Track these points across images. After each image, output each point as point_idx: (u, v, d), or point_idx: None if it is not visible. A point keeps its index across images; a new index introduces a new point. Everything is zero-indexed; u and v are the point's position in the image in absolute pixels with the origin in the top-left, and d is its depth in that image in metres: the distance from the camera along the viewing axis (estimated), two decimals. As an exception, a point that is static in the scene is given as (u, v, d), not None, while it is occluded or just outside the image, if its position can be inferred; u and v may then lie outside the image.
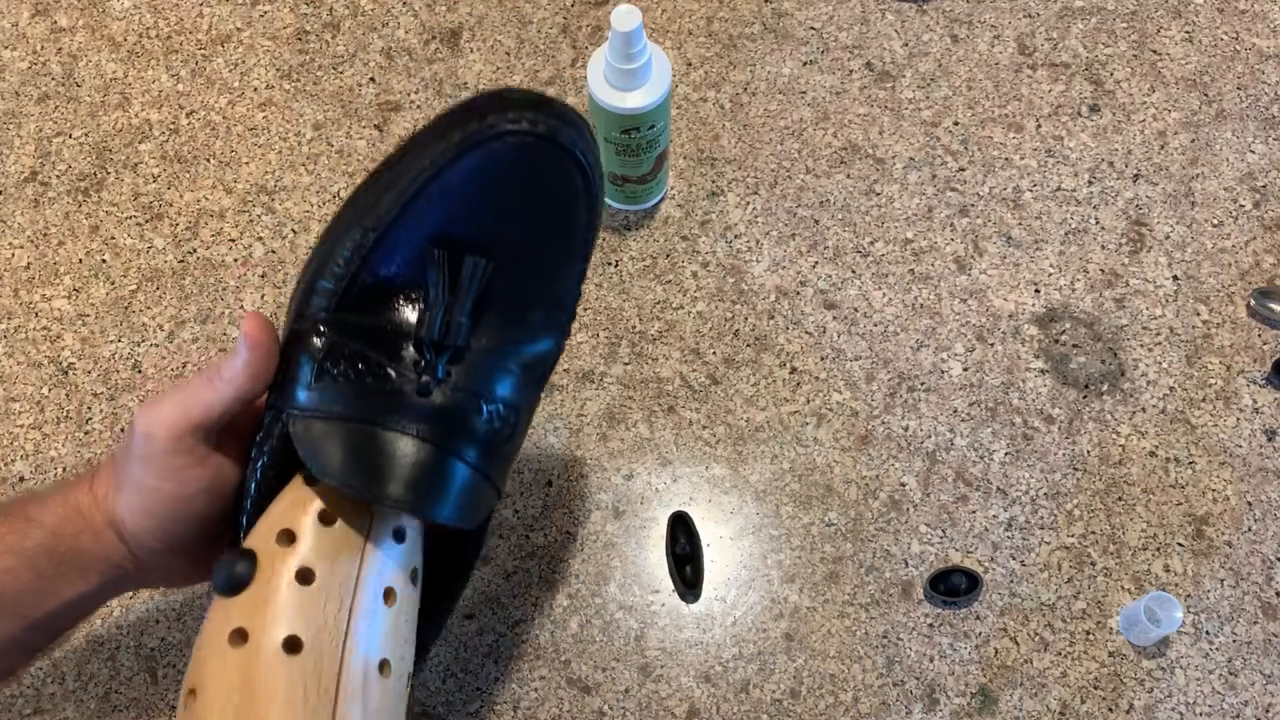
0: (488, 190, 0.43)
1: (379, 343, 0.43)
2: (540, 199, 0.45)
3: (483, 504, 0.45)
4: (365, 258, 0.44)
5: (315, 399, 0.43)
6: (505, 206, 0.44)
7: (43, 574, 0.45)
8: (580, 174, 0.45)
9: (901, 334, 0.72)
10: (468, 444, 0.44)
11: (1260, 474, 0.68)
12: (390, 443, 0.42)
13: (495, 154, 0.42)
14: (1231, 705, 0.63)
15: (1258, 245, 0.75)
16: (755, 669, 0.63)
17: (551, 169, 0.44)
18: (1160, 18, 0.82)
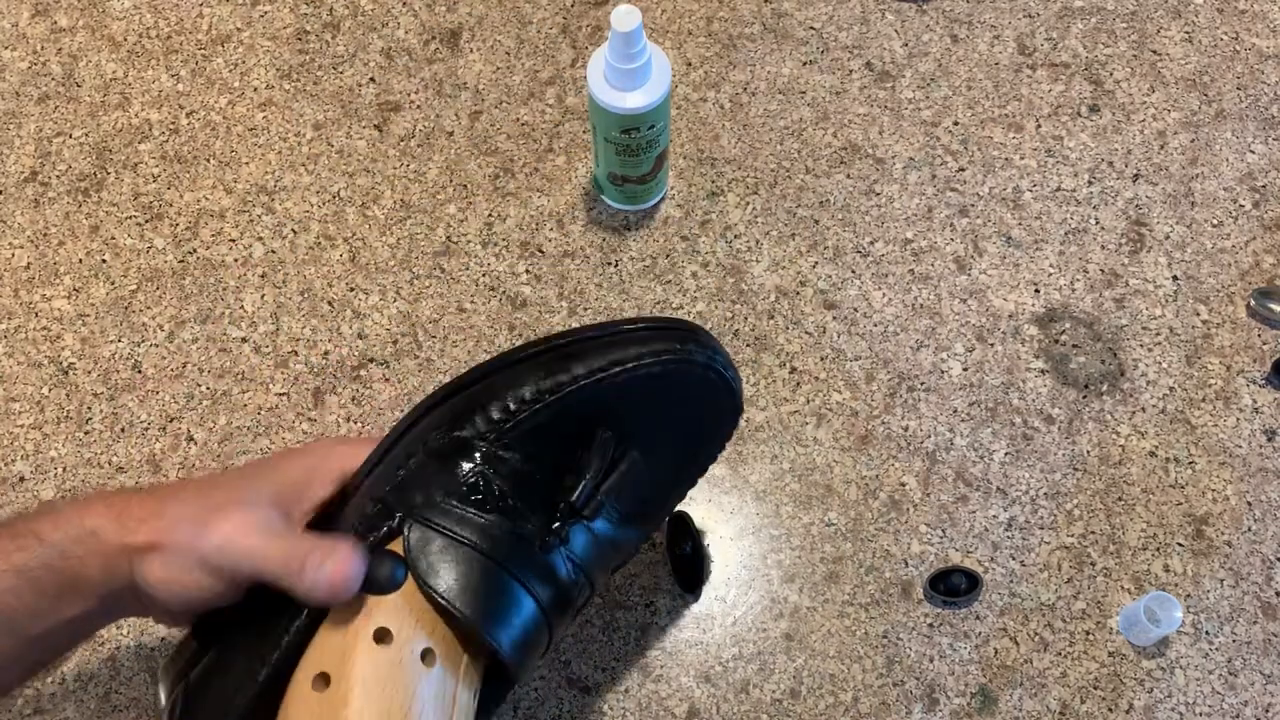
0: (667, 402, 0.49)
1: (523, 489, 0.47)
2: (700, 428, 0.52)
3: (535, 656, 0.48)
4: (539, 409, 0.47)
5: (447, 517, 0.45)
6: (673, 421, 0.50)
7: (45, 593, 0.45)
8: (734, 425, 0.53)
9: (901, 334, 0.72)
10: (561, 615, 0.48)
11: (1260, 474, 0.68)
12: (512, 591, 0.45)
13: (687, 375, 0.49)
14: (1231, 705, 0.63)
15: (1257, 245, 0.75)
16: (755, 669, 0.64)
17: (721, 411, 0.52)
18: (1160, 18, 0.82)
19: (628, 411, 0.48)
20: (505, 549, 0.46)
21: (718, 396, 0.51)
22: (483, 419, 0.48)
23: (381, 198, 0.76)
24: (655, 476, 0.51)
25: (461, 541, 0.45)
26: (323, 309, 0.73)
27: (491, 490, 0.46)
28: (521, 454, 0.47)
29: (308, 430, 0.69)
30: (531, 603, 0.46)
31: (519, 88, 0.80)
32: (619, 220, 0.75)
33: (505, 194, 0.76)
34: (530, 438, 0.47)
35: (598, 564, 0.50)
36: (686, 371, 0.49)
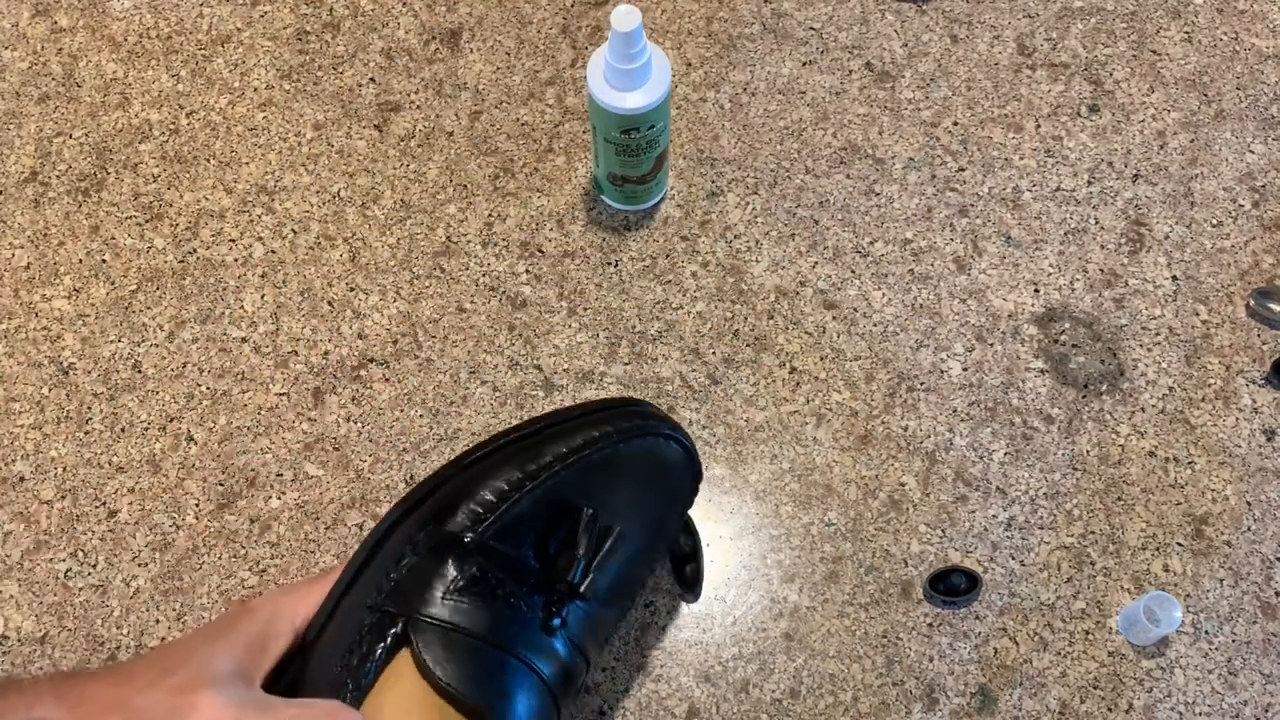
0: (636, 476, 0.52)
1: (518, 576, 0.48)
2: (669, 497, 0.55)
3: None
4: (523, 496, 0.49)
5: (451, 613, 0.46)
6: (644, 494, 0.53)
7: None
8: (694, 492, 0.56)
9: (901, 334, 0.72)
10: (566, 693, 0.49)
11: (1260, 474, 0.68)
12: (523, 676, 0.47)
13: (652, 448, 0.52)
14: (1231, 705, 0.63)
15: (1257, 245, 0.75)
16: (755, 669, 0.64)
17: (686, 479, 0.55)
18: (1160, 18, 0.82)
19: (603, 489, 0.51)
20: (511, 636, 0.47)
21: (680, 465, 0.55)
22: (466, 514, 0.49)
23: (381, 198, 0.76)
24: (632, 549, 0.53)
25: (468, 634, 0.46)
26: (323, 309, 0.73)
27: (489, 581, 0.47)
28: (511, 542, 0.49)
29: (308, 430, 0.69)
30: (540, 684, 0.47)
31: (519, 88, 0.80)
32: (619, 220, 0.75)
33: (505, 194, 0.76)
34: (518, 525, 0.49)
35: (592, 643, 0.52)
36: (652, 445, 0.52)
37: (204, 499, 0.68)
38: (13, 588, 0.66)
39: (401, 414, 0.70)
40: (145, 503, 0.68)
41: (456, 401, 0.70)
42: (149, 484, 0.68)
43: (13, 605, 0.65)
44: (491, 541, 0.48)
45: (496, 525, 0.49)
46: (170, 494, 0.68)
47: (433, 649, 0.45)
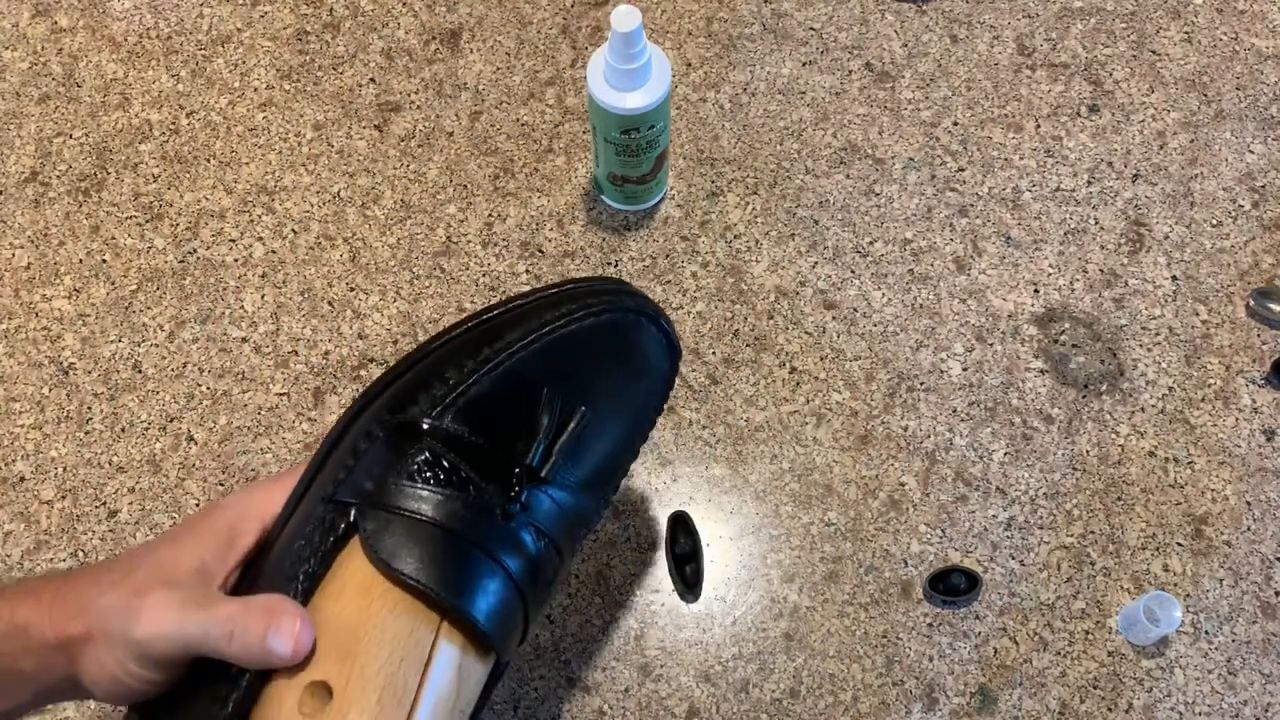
0: (604, 354, 0.49)
1: (476, 461, 0.46)
2: (640, 376, 0.51)
3: (513, 634, 0.46)
4: (480, 377, 0.47)
5: (403, 499, 0.44)
6: (614, 373, 0.50)
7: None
8: (673, 369, 0.52)
9: (901, 334, 0.72)
10: (534, 586, 0.46)
11: (1259, 474, 0.68)
12: (480, 564, 0.44)
13: (619, 324, 0.49)
14: (1231, 705, 0.63)
15: (1257, 245, 0.75)
16: (755, 669, 0.64)
17: (658, 354, 0.51)
18: (1159, 18, 0.82)
19: (568, 369, 0.48)
20: (467, 522, 0.44)
21: (652, 340, 0.51)
22: (425, 398, 0.46)
23: (381, 198, 0.76)
24: (606, 433, 0.50)
25: (422, 519, 0.44)
26: (323, 309, 0.73)
27: (444, 465, 0.45)
28: (469, 426, 0.46)
29: (308, 430, 0.69)
30: (501, 573, 0.44)
31: (519, 88, 0.80)
32: (619, 220, 0.75)
33: (505, 194, 0.76)
34: (476, 408, 0.46)
35: (564, 533, 0.48)
36: (618, 321, 0.49)
37: (204, 499, 0.68)
38: (13, 588, 0.66)
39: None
40: (145, 503, 0.68)
41: (456, 401, 0.70)
42: (149, 484, 0.68)
43: (13, 605, 0.65)
44: (449, 426, 0.46)
45: (454, 409, 0.46)
46: (170, 494, 0.68)
47: (383, 536, 0.43)
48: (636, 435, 0.53)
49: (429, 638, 0.42)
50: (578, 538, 0.50)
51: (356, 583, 0.43)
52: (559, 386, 0.48)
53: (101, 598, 0.43)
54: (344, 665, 0.40)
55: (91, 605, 0.43)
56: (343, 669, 0.40)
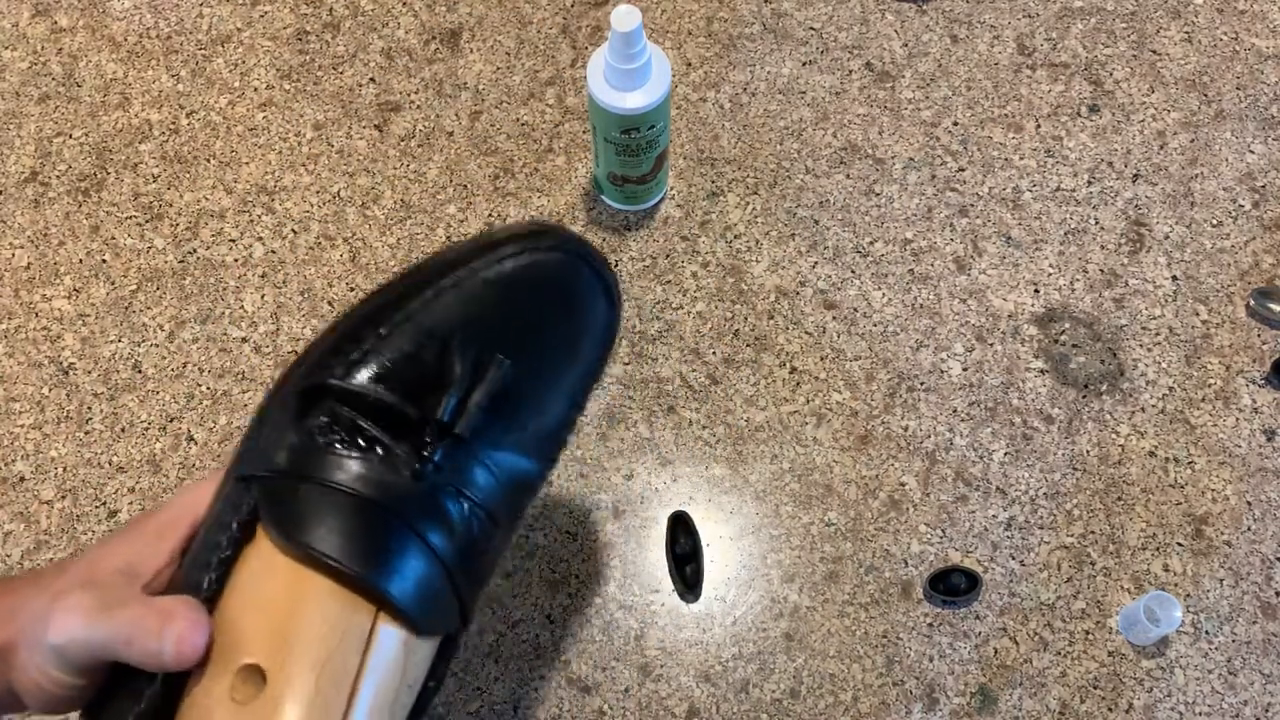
0: (521, 298, 0.45)
1: (389, 423, 0.42)
2: (570, 321, 0.46)
3: (440, 604, 0.42)
4: (386, 337, 0.43)
5: (303, 464, 0.41)
6: (538, 321, 0.45)
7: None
8: (608, 304, 0.47)
9: (901, 334, 0.72)
10: (438, 529, 0.41)
11: (1260, 474, 0.68)
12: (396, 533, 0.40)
13: (539, 265, 0.44)
14: (1231, 705, 0.63)
15: (1257, 245, 0.75)
16: (755, 669, 0.64)
17: (589, 292, 0.46)
18: (1160, 18, 0.82)
19: (485, 319, 0.44)
20: (378, 487, 0.40)
21: (582, 283, 0.46)
22: (339, 362, 0.43)
23: (381, 198, 0.76)
24: (539, 386, 0.46)
25: (328, 486, 0.40)
26: (323, 309, 0.73)
27: (348, 425, 0.41)
28: (381, 386, 0.42)
29: (308, 430, 0.69)
30: (419, 544, 0.40)
31: (519, 88, 0.80)
32: (619, 220, 0.75)
33: (505, 194, 0.76)
34: (387, 367, 0.43)
35: (498, 499, 0.44)
36: (540, 262, 0.45)
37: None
38: (13, 588, 0.66)
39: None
40: (145, 503, 0.68)
41: (456, 401, 0.70)
42: (149, 484, 0.68)
43: (13, 605, 0.65)
44: (354, 385, 0.42)
45: (365, 365, 0.42)
46: (170, 494, 0.68)
47: (289, 508, 0.39)
48: (577, 389, 0.48)
49: (368, 616, 0.38)
50: (518, 504, 0.46)
51: (281, 563, 0.39)
52: (478, 336, 0.43)
53: (24, 605, 0.42)
54: (276, 646, 0.37)
55: (16, 612, 0.42)
56: (275, 651, 0.37)
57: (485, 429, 0.43)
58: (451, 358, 0.43)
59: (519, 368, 0.44)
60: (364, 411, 0.42)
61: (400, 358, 0.43)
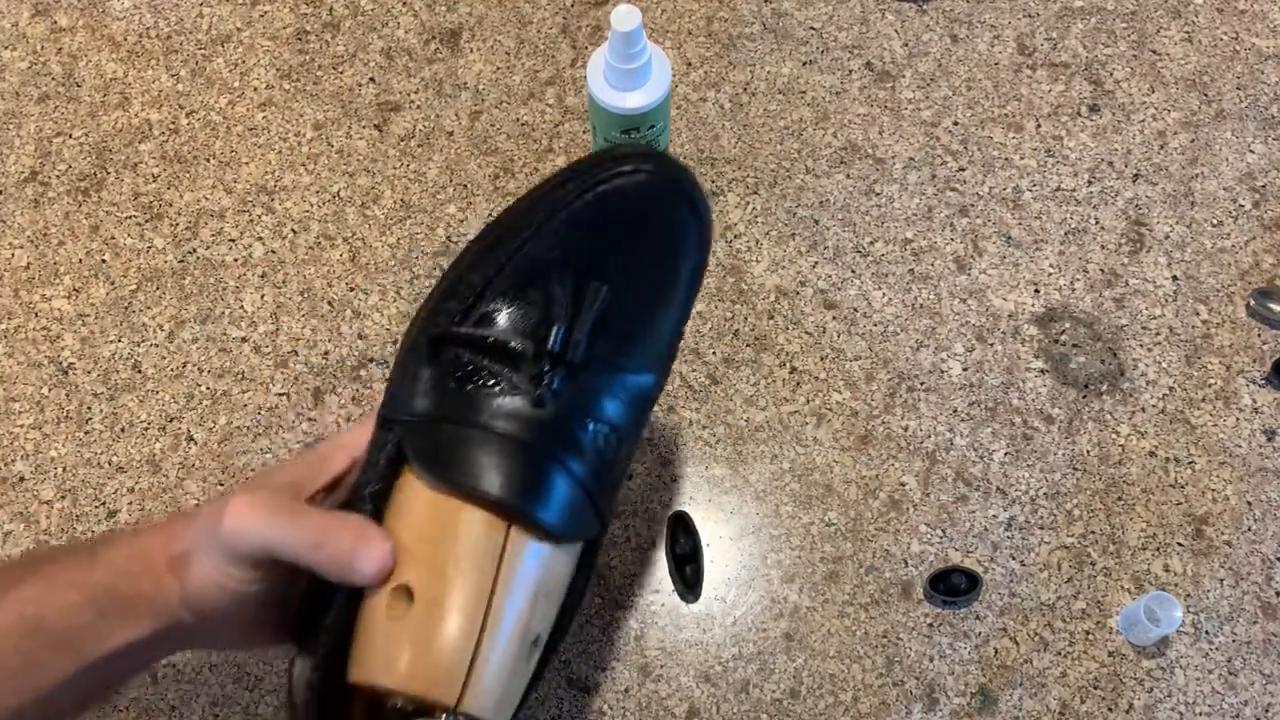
0: (612, 223, 0.47)
1: (499, 357, 0.45)
2: (658, 237, 0.48)
3: (583, 520, 0.45)
4: (494, 278, 0.46)
5: (441, 408, 0.45)
6: (626, 239, 0.47)
7: (103, 612, 0.44)
8: (696, 219, 0.49)
9: (901, 334, 0.72)
10: (574, 456, 0.45)
11: (1260, 474, 0.68)
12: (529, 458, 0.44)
13: (623, 191, 0.46)
14: (1231, 705, 0.63)
15: (1257, 245, 0.75)
16: (755, 669, 0.64)
17: (672, 210, 0.48)
18: (1160, 18, 0.82)
19: (579, 249, 0.47)
20: (511, 421, 0.44)
21: (663, 199, 0.48)
22: (454, 306, 0.46)
23: (381, 198, 0.76)
24: (640, 302, 0.48)
25: (468, 425, 0.44)
26: (323, 309, 0.73)
27: (475, 368, 0.45)
28: (496, 326, 0.46)
29: (308, 430, 0.69)
30: (557, 467, 0.44)
31: (519, 88, 0.80)
32: (619, 220, 0.75)
33: (505, 194, 0.76)
34: (497, 307, 0.46)
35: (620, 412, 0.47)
36: (619, 186, 0.46)
37: (204, 499, 0.68)
38: (12, 588, 0.66)
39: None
40: (145, 503, 0.68)
41: (456, 401, 0.70)
42: (149, 484, 0.68)
43: (12, 605, 0.65)
44: (473, 330, 0.46)
45: (479, 309, 0.46)
46: (170, 494, 0.68)
47: (431, 446, 0.44)
48: (680, 299, 0.50)
49: (500, 531, 0.43)
50: (639, 416, 0.49)
51: (420, 494, 0.44)
52: (574, 266, 0.46)
53: (199, 514, 0.45)
54: (421, 568, 0.42)
55: (194, 518, 0.45)
56: (421, 572, 0.42)
57: (596, 352, 0.46)
58: (553, 290, 0.46)
59: (617, 290, 0.47)
60: (485, 352, 0.45)
61: (509, 296, 0.46)
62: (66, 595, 0.44)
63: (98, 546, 0.46)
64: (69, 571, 0.45)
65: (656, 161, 0.47)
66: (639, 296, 0.48)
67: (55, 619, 0.44)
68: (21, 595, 0.44)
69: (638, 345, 0.48)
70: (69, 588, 0.44)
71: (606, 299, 0.46)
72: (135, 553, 0.46)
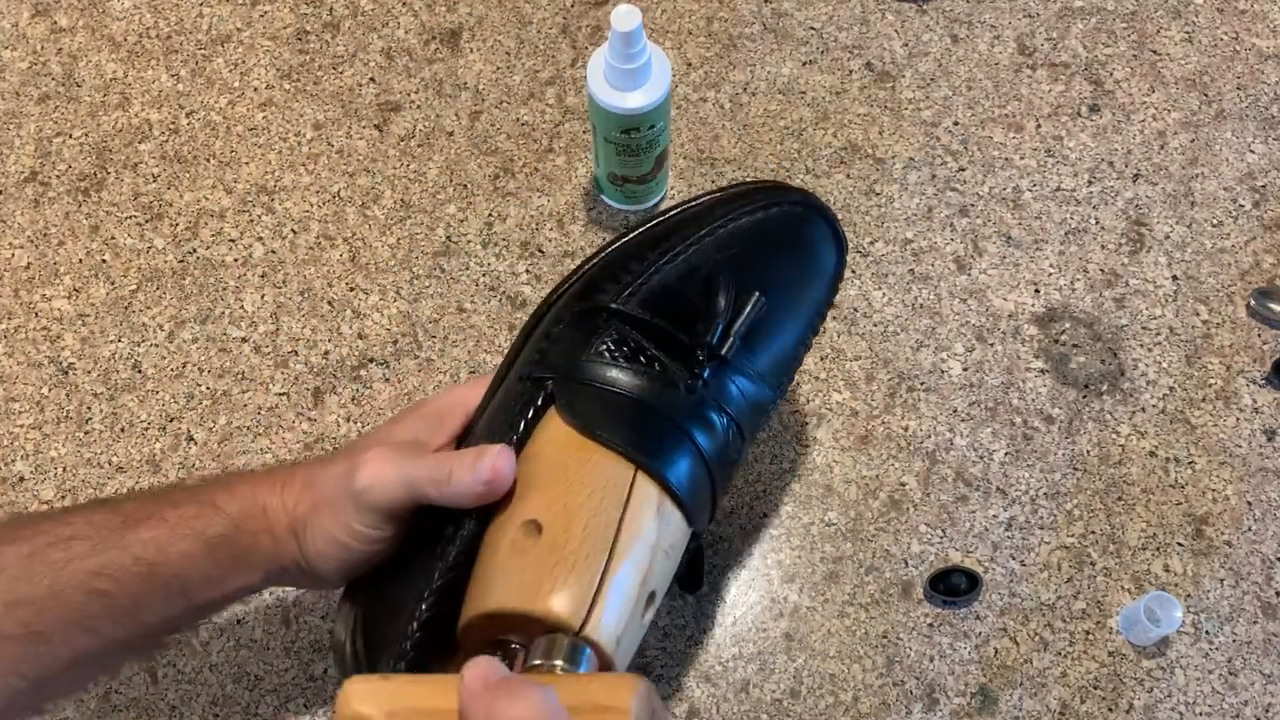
0: (774, 243, 0.53)
1: (662, 343, 0.50)
2: (807, 267, 0.54)
3: (700, 494, 0.49)
4: (659, 268, 0.51)
5: (593, 372, 0.49)
6: (785, 263, 0.53)
7: (220, 563, 0.47)
8: (838, 257, 0.55)
9: (901, 334, 0.72)
10: (705, 435, 0.49)
11: (1260, 474, 0.68)
12: (670, 431, 0.48)
13: (790, 216, 0.53)
14: (1231, 705, 0.63)
15: (1257, 245, 0.75)
16: (755, 669, 0.64)
17: (824, 244, 0.54)
18: (1160, 18, 0.82)
19: (742, 260, 0.52)
20: (656, 394, 0.48)
21: (820, 234, 0.54)
22: (611, 287, 0.51)
23: (381, 198, 0.76)
24: (780, 323, 0.53)
25: (614, 390, 0.48)
26: (323, 309, 0.73)
27: (630, 344, 0.49)
28: (652, 311, 0.50)
29: (308, 430, 0.69)
30: (690, 446, 0.48)
31: (519, 88, 0.80)
32: (619, 220, 0.75)
33: (505, 194, 0.76)
34: (657, 294, 0.51)
35: (745, 418, 0.51)
36: (789, 214, 0.53)
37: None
38: (12, 588, 0.66)
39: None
40: (145, 503, 0.68)
41: (456, 401, 0.70)
42: (149, 484, 0.68)
43: (12, 605, 0.65)
44: (632, 310, 0.50)
45: (636, 295, 0.50)
46: (170, 494, 0.68)
47: (578, 404, 0.48)
48: (808, 329, 0.55)
49: (627, 481, 0.46)
50: (757, 425, 0.53)
51: (556, 441, 0.47)
52: (736, 275, 0.51)
53: (324, 471, 0.48)
54: (550, 504, 0.45)
55: (316, 480, 0.48)
56: (549, 507, 0.45)
57: (741, 355, 0.51)
58: (715, 292, 0.50)
59: (769, 302, 0.51)
60: (643, 331, 0.50)
61: (673, 291, 0.51)
62: (184, 544, 0.46)
63: (218, 495, 0.48)
64: (189, 520, 0.46)
65: (816, 201, 0.54)
66: (780, 313, 0.53)
67: (171, 565, 0.45)
68: (140, 537, 0.45)
69: (772, 358, 0.53)
70: (187, 537, 0.46)
71: (762, 309, 0.51)
72: (254, 508, 0.47)
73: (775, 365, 0.53)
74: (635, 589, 0.45)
